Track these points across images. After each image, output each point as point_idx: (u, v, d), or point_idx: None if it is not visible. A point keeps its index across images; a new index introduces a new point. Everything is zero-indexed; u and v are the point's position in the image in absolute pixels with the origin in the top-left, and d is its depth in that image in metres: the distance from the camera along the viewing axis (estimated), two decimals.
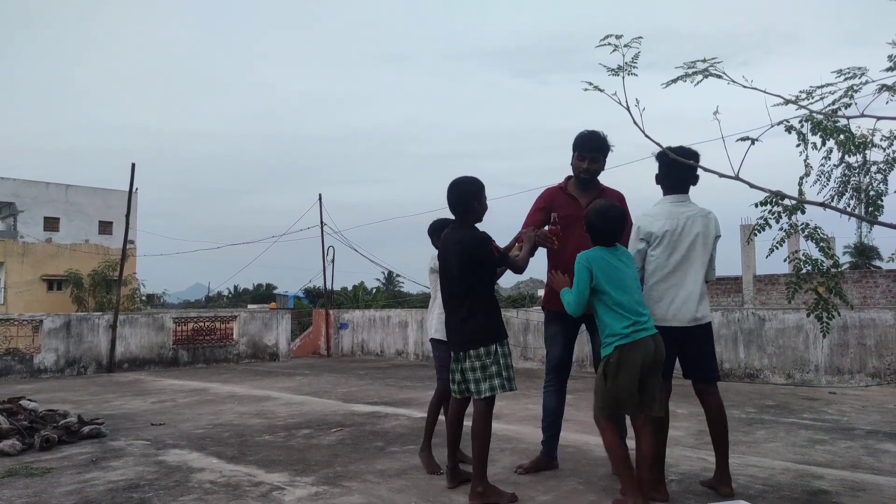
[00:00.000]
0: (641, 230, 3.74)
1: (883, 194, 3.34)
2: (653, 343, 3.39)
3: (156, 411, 7.50)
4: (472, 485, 3.60)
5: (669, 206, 3.77)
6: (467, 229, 3.79)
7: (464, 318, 3.67)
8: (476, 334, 3.64)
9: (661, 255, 3.69)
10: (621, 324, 3.39)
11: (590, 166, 4.24)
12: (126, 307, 23.19)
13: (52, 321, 12.63)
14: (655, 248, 3.70)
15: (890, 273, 20.19)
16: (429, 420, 4.50)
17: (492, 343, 3.64)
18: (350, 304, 26.63)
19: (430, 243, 4.67)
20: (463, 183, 3.83)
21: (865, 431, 5.77)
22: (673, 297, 3.66)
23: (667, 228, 3.68)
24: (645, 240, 3.72)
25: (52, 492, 4.08)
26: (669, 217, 3.71)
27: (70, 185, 31.77)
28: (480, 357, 3.61)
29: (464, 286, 3.68)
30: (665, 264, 3.68)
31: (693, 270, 3.71)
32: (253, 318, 15.81)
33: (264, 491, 4.00)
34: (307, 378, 11.25)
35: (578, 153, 4.26)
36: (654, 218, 3.73)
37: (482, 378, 3.61)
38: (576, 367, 10.79)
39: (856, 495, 3.72)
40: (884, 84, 3.08)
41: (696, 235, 3.71)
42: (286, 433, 5.93)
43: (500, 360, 3.64)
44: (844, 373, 9.21)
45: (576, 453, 4.81)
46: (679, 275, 3.69)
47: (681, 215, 3.72)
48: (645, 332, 3.38)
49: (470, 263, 3.66)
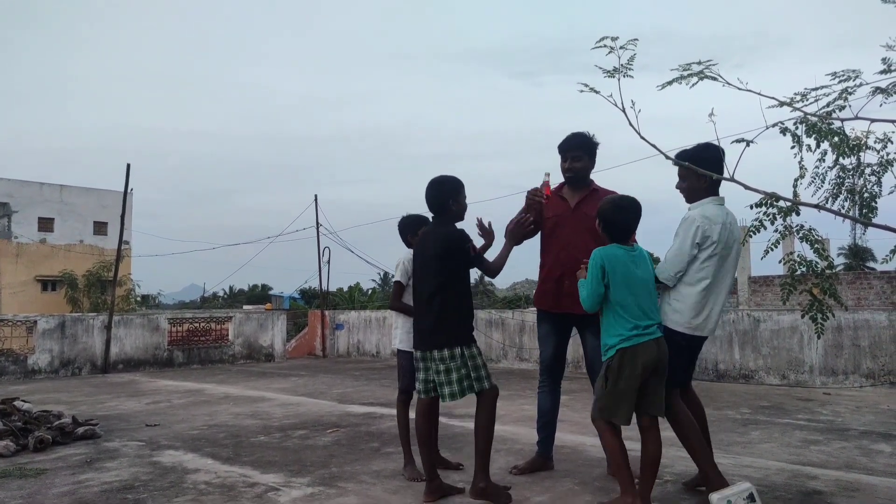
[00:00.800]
0: (700, 233, 3.41)
1: (877, 196, 3.36)
2: (656, 347, 3.32)
3: (150, 412, 7.48)
4: (475, 479, 3.57)
5: (720, 211, 3.49)
6: (446, 226, 3.77)
7: (434, 318, 3.63)
8: (443, 335, 3.60)
9: (713, 264, 3.43)
10: (624, 327, 3.32)
11: (571, 165, 4.25)
12: (121, 308, 23.11)
13: (46, 322, 12.59)
14: (709, 256, 3.42)
15: (884, 275, 20.27)
16: (401, 432, 4.42)
17: (456, 346, 3.59)
18: (346, 305, 26.61)
19: (402, 242, 4.57)
20: (441, 181, 3.82)
21: (860, 432, 5.79)
22: (713, 306, 3.48)
23: (721, 234, 3.43)
24: (700, 245, 3.42)
25: (46, 493, 4.07)
26: (723, 224, 3.45)
27: (64, 186, 31.64)
28: (445, 360, 3.58)
29: (438, 282, 3.65)
30: (715, 273, 3.45)
31: (729, 282, 3.57)
32: (248, 318, 15.78)
33: (259, 492, 3.99)
34: (303, 379, 11.23)
35: (561, 155, 4.30)
36: (712, 222, 3.43)
37: (446, 381, 3.57)
38: (571, 368, 10.83)
39: (850, 496, 3.74)
40: (878, 87, 3.09)
41: (736, 243, 3.53)
42: (282, 434, 5.92)
43: (469, 361, 3.60)
44: (839, 374, 9.24)
45: (571, 454, 4.82)
46: (722, 285, 3.51)
47: (727, 223, 3.48)
48: (648, 336, 3.31)
49: (446, 259, 3.63)
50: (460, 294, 3.71)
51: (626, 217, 3.46)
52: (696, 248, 3.42)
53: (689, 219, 3.50)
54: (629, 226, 3.47)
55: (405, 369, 4.38)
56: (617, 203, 3.51)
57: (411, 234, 4.49)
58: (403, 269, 4.36)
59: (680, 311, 3.49)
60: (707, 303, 3.47)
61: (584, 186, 4.28)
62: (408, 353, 4.32)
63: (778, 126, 3.12)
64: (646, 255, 3.51)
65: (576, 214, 4.21)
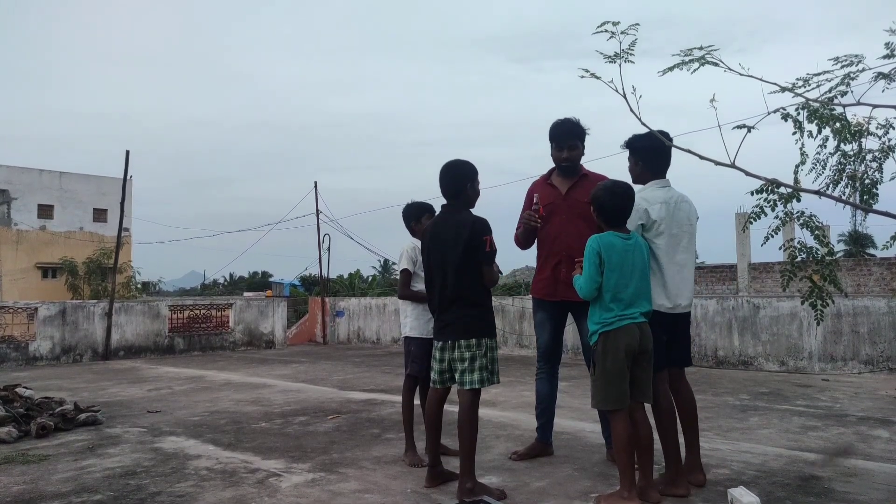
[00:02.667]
0: (642, 214, 3.60)
1: (878, 182, 3.35)
2: (638, 330, 3.34)
3: (152, 399, 7.51)
4: (461, 481, 3.48)
5: (661, 192, 3.69)
6: (466, 213, 3.67)
7: (462, 307, 3.57)
8: (472, 325, 3.56)
9: (662, 242, 3.59)
10: (608, 312, 3.36)
11: (569, 154, 4.26)
12: (121, 295, 23.14)
13: (47, 309, 12.61)
14: (656, 235, 3.59)
15: (884, 261, 20.27)
16: (405, 417, 4.40)
17: (483, 336, 3.57)
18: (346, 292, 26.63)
19: (407, 229, 4.52)
20: (459, 165, 3.73)
21: (857, 418, 5.82)
22: (674, 283, 3.60)
23: (664, 214, 3.59)
24: (644, 225, 3.60)
25: (48, 479, 4.09)
26: (665, 202, 3.63)
27: (64, 173, 31.56)
28: (471, 348, 3.53)
29: (465, 270, 3.55)
30: (667, 251, 3.60)
31: (688, 256, 3.68)
32: (249, 305, 15.80)
33: (261, 477, 4.01)
34: (303, 366, 11.27)
35: (556, 144, 4.29)
36: (650, 203, 3.62)
37: (469, 369, 3.52)
38: (570, 355, 10.86)
39: (848, 481, 3.76)
40: (880, 72, 3.07)
41: (685, 220, 3.67)
42: (283, 420, 5.94)
43: (489, 353, 3.58)
44: (837, 360, 9.27)
45: (570, 440, 4.84)
46: (678, 260, 3.62)
47: (670, 200, 3.65)
48: (630, 320, 3.34)
49: (472, 247, 3.53)
50: (483, 284, 3.61)
51: (621, 202, 3.48)
52: (641, 230, 3.61)
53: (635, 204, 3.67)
54: (624, 211, 3.49)
55: (415, 356, 4.35)
56: (611, 189, 3.53)
57: (415, 221, 4.47)
58: (409, 257, 4.35)
59: None
60: (667, 279, 3.59)
61: (575, 173, 4.29)
62: (418, 340, 4.32)
63: (779, 112, 3.10)
64: (642, 243, 3.50)
65: (567, 201, 4.23)
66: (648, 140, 3.65)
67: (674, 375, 3.70)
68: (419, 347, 4.32)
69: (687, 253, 3.68)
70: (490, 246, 3.56)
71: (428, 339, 4.23)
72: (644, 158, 3.77)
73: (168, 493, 3.74)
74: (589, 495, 3.51)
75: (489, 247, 3.55)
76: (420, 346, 4.31)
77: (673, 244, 3.61)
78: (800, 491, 3.56)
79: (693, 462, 3.67)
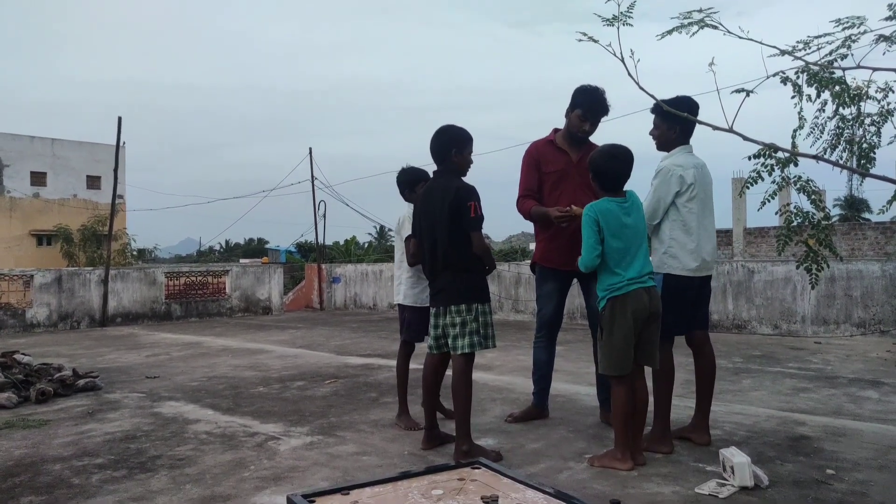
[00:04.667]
0: (678, 180, 3.62)
1: (875, 147, 3.33)
2: (646, 296, 3.35)
3: (150, 364, 7.56)
4: (457, 443, 3.54)
5: (690, 157, 3.72)
6: (454, 180, 3.64)
7: (453, 273, 3.58)
8: (461, 291, 3.57)
9: (696, 206, 3.63)
10: (615, 278, 3.36)
11: (591, 129, 4.21)
12: (117, 262, 23.10)
13: (42, 276, 12.60)
14: (690, 199, 3.63)
15: (878, 225, 20.33)
16: (400, 382, 4.41)
17: (474, 302, 3.58)
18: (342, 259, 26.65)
19: (401, 195, 4.45)
20: (445, 130, 3.70)
21: (848, 380, 5.91)
22: (706, 245, 3.67)
23: (696, 178, 3.64)
24: (679, 190, 3.62)
25: (49, 443, 4.14)
26: (696, 167, 3.68)
27: (56, 139, 31.16)
28: (461, 313, 3.56)
29: (453, 237, 3.55)
30: (698, 215, 3.65)
31: (713, 220, 3.77)
32: (245, 272, 15.82)
33: (260, 441, 4.07)
34: (300, 331, 11.34)
35: (583, 112, 4.15)
36: (685, 168, 3.65)
37: (459, 334, 3.55)
38: (567, 320, 10.93)
39: (837, 440, 3.83)
40: (881, 34, 3.03)
41: (709, 185, 3.75)
42: (280, 385, 6.00)
43: (480, 317, 3.59)
44: (830, 323, 9.36)
45: (566, 403, 4.91)
46: (709, 224, 3.71)
47: (699, 165, 3.71)
48: (639, 285, 3.34)
49: (457, 213, 3.52)
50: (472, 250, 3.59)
51: (618, 165, 3.45)
52: (675, 196, 3.62)
53: (663, 170, 3.67)
54: (621, 175, 3.46)
55: (410, 322, 4.37)
56: (609, 152, 3.50)
57: (408, 189, 4.40)
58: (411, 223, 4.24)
59: (676, 257, 3.64)
60: (700, 242, 3.64)
61: (585, 142, 4.24)
62: (412, 308, 4.33)
63: (779, 76, 3.07)
64: (639, 203, 3.49)
65: (579, 169, 4.17)
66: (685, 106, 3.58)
67: (700, 338, 3.79)
68: (413, 314, 4.34)
69: (713, 216, 3.77)
70: (475, 212, 3.52)
71: (422, 307, 4.26)
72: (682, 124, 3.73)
73: (168, 456, 3.79)
74: (583, 456, 3.58)
75: (474, 212, 3.52)
76: (414, 313, 4.33)
77: (702, 208, 3.68)
78: (790, 450, 3.63)
79: (701, 422, 3.77)
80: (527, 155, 4.35)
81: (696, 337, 3.78)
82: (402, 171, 4.48)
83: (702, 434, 3.74)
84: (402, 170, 4.49)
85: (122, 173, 16.85)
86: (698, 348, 3.79)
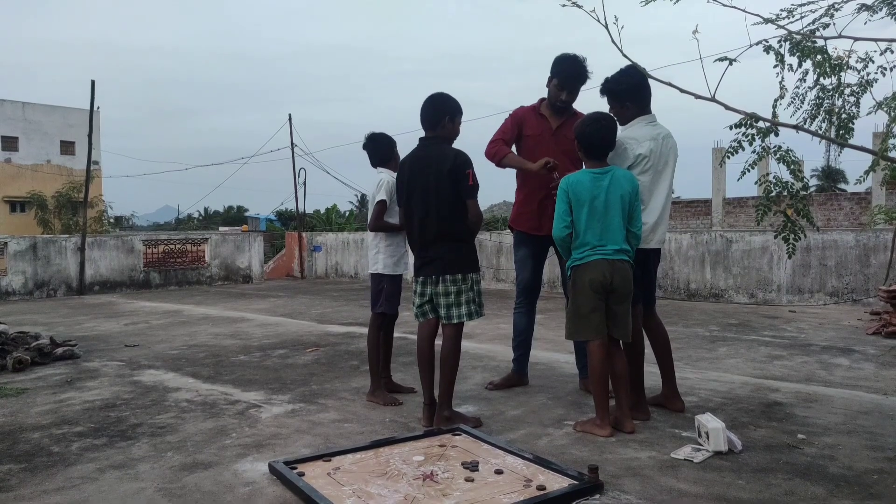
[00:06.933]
0: (629, 153, 3.58)
1: (854, 117, 3.35)
2: (608, 266, 3.36)
3: (129, 333, 7.51)
4: (438, 409, 3.56)
5: (649, 129, 3.64)
6: (448, 147, 3.62)
7: (450, 242, 3.56)
8: (458, 260, 3.57)
9: (646, 179, 3.58)
10: (580, 248, 3.42)
11: (568, 98, 4.19)
12: (94, 230, 22.75)
13: (17, 243, 12.39)
14: (642, 172, 3.57)
15: (853, 196, 20.63)
16: (372, 356, 4.22)
17: (470, 271, 3.61)
18: (323, 227, 26.49)
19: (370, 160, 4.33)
20: (440, 97, 3.67)
21: (821, 347, 6.04)
22: (657, 219, 3.64)
23: (652, 149, 3.57)
24: (632, 164, 3.57)
25: (28, 411, 4.11)
26: (654, 138, 3.59)
27: (27, 103, 30.36)
28: (457, 282, 3.56)
29: (448, 205, 3.53)
30: (651, 188, 3.61)
31: (668, 194, 3.70)
32: (224, 240, 15.68)
33: (241, 409, 4.07)
34: (281, 300, 11.31)
35: (559, 82, 4.15)
36: (639, 140, 3.59)
37: (455, 303, 3.56)
38: (546, 289, 11.02)
39: (808, 406, 3.93)
40: (863, 3, 3.03)
41: (670, 156, 3.66)
42: (261, 353, 6.00)
43: (474, 287, 3.62)
44: (805, 292, 9.54)
45: (545, 370, 4.97)
46: (659, 197, 3.65)
47: (658, 136, 3.61)
48: (599, 256, 3.37)
49: (456, 179, 3.50)
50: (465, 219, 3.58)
51: (602, 132, 3.45)
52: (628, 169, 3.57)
53: (617, 143, 3.61)
54: (605, 142, 3.47)
55: (389, 293, 4.23)
56: (591, 116, 3.53)
57: (379, 157, 4.31)
58: (389, 188, 4.13)
59: None
60: (651, 216, 3.61)
61: (567, 111, 4.23)
62: (391, 277, 4.22)
63: (762, 44, 3.06)
64: (619, 176, 3.42)
65: (556, 136, 4.20)
66: (628, 78, 3.59)
67: (647, 313, 3.77)
68: (392, 285, 4.24)
69: (668, 190, 3.70)
70: (472, 179, 3.54)
71: (398, 276, 4.24)
72: (631, 98, 3.66)
73: (149, 423, 3.79)
74: (562, 422, 3.63)
75: (472, 180, 3.54)
76: (393, 284, 4.24)
77: (655, 181, 3.63)
78: (763, 416, 3.72)
79: (671, 391, 3.83)
80: (511, 115, 4.40)
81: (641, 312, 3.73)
82: (375, 135, 4.34)
83: (674, 401, 3.81)
84: (374, 134, 4.35)
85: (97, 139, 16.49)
86: (645, 325, 3.78)
